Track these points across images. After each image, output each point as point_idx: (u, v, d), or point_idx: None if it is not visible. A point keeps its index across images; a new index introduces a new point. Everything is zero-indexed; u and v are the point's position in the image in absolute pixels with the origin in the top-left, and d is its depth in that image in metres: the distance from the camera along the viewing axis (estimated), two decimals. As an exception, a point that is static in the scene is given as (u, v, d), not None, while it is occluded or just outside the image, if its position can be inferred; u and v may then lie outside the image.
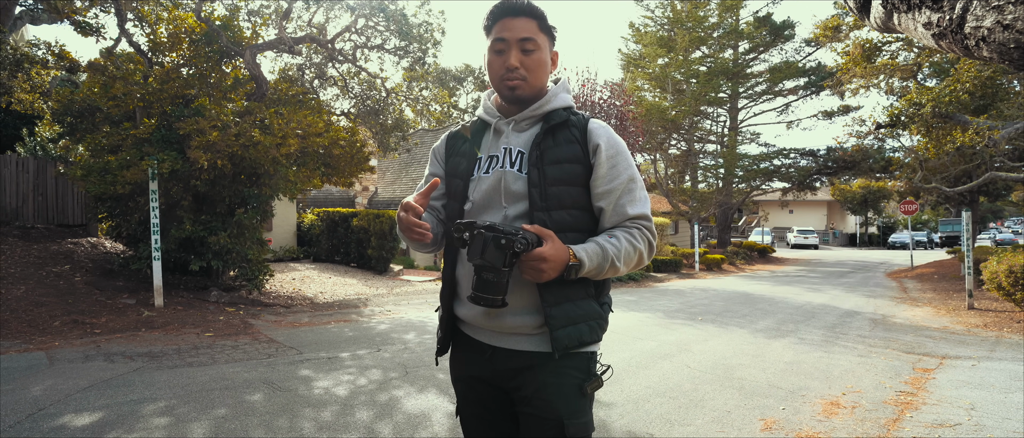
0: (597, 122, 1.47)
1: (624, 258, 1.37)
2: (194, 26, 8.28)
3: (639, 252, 1.40)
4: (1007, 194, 26.34)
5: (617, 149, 1.43)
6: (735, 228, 35.77)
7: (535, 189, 1.38)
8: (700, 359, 5.47)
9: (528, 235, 1.27)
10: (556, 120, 1.45)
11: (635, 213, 1.41)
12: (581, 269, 1.31)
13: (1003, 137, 10.58)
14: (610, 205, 1.41)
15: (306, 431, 3.39)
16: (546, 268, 1.26)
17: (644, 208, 1.43)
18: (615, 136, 1.46)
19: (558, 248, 1.29)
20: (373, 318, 7.58)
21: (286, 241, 15.28)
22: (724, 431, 3.56)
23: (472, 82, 37.61)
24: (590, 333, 1.40)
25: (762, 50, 23.19)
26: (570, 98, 1.52)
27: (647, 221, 1.43)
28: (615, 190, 1.41)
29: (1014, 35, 0.97)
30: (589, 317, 1.40)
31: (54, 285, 7.40)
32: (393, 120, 12.08)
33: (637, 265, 1.42)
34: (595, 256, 1.33)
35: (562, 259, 1.29)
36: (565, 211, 1.39)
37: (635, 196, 1.42)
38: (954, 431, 3.62)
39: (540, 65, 1.45)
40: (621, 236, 1.38)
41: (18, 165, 9.71)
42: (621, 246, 1.37)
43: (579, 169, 1.41)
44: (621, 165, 1.42)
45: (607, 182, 1.40)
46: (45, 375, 4.42)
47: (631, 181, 1.42)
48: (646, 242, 1.42)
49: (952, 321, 8.15)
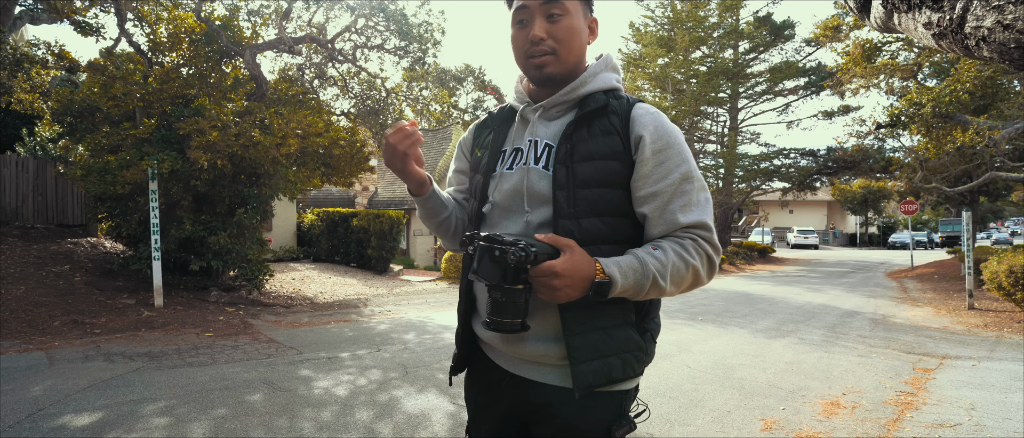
0: (645, 107, 1.19)
1: (672, 276, 1.09)
2: (194, 26, 8.28)
3: (693, 269, 1.12)
4: (1007, 194, 26.32)
5: (667, 141, 1.14)
6: (735, 228, 35.77)
7: (561, 191, 1.14)
8: (700, 359, 5.47)
9: (537, 246, 1.06)
10: (592, 105, 1.18)
11: (689, 221, 1.12)
12: (611, 288, 1.06)
13: (1003, 137, 10.58)
14: (656, 211, 1.13)
15: (306, 431, 3.39)
16: (560, 285, 1.03)
17: (702, 215, 1.14)
18: (666, 124, 1.16)
19: (578, 262, 1.05)
20: (373, 318, 7.57)
21: (286, 241, 15.29)
22: (724, 431, 3.55)
23: (472, 82, 37.61)
24: (623, 369, 1.14)
25: (762, 50, 23.19)
26: (615, 78, 1.25)
27: (705, 231, 1.14)
28: (662, 193, 1.13)
29: (1014, 35, 0.96)
30: (624, 349, 1.15)
31: (54, 285, 7.39)
32: (393, 120, 12.08)
33: (692, 285, 1.14)
34: (632, 272, 1.07)
35: (584, 275, 1.04)
36: (598, 219, 1.14)
37: (690, 199, 1.13)
38: (954, 431, 3.61)
39: (571, 34, 1.18)
40: (669, 248, 1.11)
41: (18, 165, 9.71)
42: (668, 260, 1.09)
43: (617, 167, 1.15)
44: (672, 160, 1.13)
45: (652, 183, 1.13)
46: (45, 375, 4.42)
47: (685, 180, 1.13)
48: (704, 256, 1.13)
49: (952, 321, 8.15)
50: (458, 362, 1.35)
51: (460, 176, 1.45)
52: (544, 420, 1.19)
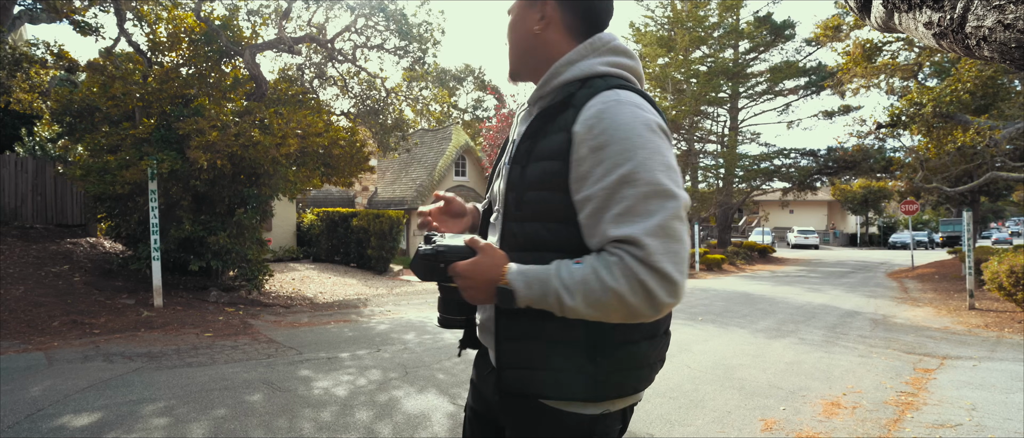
0: (603, 96, 1.02)
1: (584, 295, 0.94)
2: (193, 26, 8.27)
3: (615, 294, 0.92)
4: (1008, 194, 26.30)
5: (609, 135, 0.97)
6: (735, 228, 35.76)
7: (512, 193, 1.09)
8: (700, 359, 5.46)
9: (449, 247, 1.05)
10: (555, 100, 1.10)
11: (618, 234, 0.94)
12: (513, 297, 0.99)
13: (1004, 137, 10.57)
14: (589, 220, 0.99)
15: (306, 431, 3.38)
16: (463, 286, 1.02)
17: (639, 228, 0.92)
18: (617, 113, 0.99)
19: (483, 265, 1.01)
20: (373, 318, 7.57)
21: (286, 241, 15.29)
22: (724, 431, 3.55)
23: (472, 82, 37.60)
24: (556, 387, 1.05)
25: (762, 50, 23.18)
26: (600, 62, 1.10)
27: (637, 248, 0.92)
28: (594, 198, 0.97)
29: (1015, 34, 0.96)
30: (557, 366, 1.05)
31: (53, 285, 7.39)
32: (393, 120, 12.08)
33: (623, 315, 0.95)
34: (538, 283, 0.98)
35: (487, 278, 1.01)
36: (541, 224, 1.06)
37: (628, 207, 0.94)
38: (955, 431, 3.61)
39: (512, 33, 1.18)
40: (590, 263, 0.96)
41: (17, 165, 9.70)
42: (577, 277, 0.95)
43: (558, 167, 1.02)
44: (612, 159, 0.96)
45: (588, 185, 0.98)
46: (44, 375, 4.41)
47: (624, 183, 0.95)
48: (633, 281, 0.92)
49: (953, 321, 8.14)
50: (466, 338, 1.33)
51: None
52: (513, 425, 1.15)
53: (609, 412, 1.09)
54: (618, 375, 1.06)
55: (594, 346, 1.04)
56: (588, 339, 1.04)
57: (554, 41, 1.15)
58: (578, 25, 1.14)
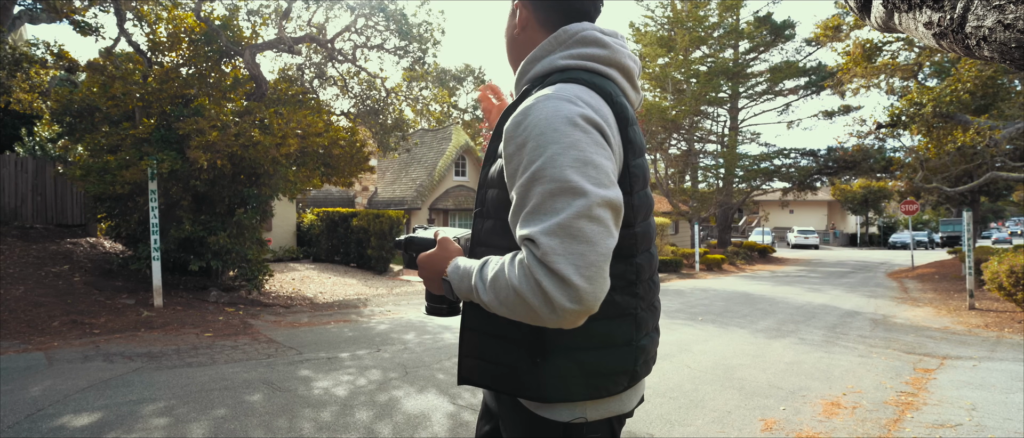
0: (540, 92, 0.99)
1: (495, 292, 0.92)
2: (193, 26, 8.28)
3: (516, 292, 0.89)
4: (1008, 194, 26.30)
5: (529, 132, 0.94)
6: (735, 228, 35.76)
7: (481, 190, 1.13)
8: (700, 359, 5.46)
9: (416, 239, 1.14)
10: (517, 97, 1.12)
11: (522, 232, 0.91)
12: (451, 290, 1.03)
13: (1004, 137, 10.57)
14: (511, 217, 0.97)
15: (306, 431, 3.38)
16: (422, 276, 1.10)
17: (537, 226, 0.88)
18: (541, 108, 0.95)
19: (434, 257, 1.06)
20: (373, 318, 7.57)
21: (286, 241, 15.29)
22: (724, 431, 3.55)
23: (472, 82, 37.60)
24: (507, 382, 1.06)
25: (762, 50, 23.19)
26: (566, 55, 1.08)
27: (535, 247, 0.87)
28: (514, 198, 0.97)
29: (1015, 34, 0.96)
30: (499, 362, 1.07)
31: (53, 285, 7.39)
32: (393, 120, 12.08)
33: (529, 316, 0.90)
34: (465, 277, 0.99)
35: (435, 270, 1.06)
36: (495, 220, 1.07)
37: (535, 206, 0.90)
38: (955, 431, 3.61)
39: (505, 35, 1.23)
40: (503, 262, 0.94)
41: (17, 165, 9.70)
42: (491, 273, 0.94)
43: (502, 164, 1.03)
44: (528, 156, 0.93)
45: (511, 182, 0.98)
46: (44, 375, 4.41)
47: (533, 180, 0.91)
48: (532, 282, 0.87)
49: (953, 321, 8.14)
50: None
51: None
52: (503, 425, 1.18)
53: (585, 420, 1.05)
54: (564, 380, 1.03)
55: (534, 348, 1.03)
56: (530, 340, 1.03)
57: (532, 40, 1.16)
58: (553, 19, 1.14)
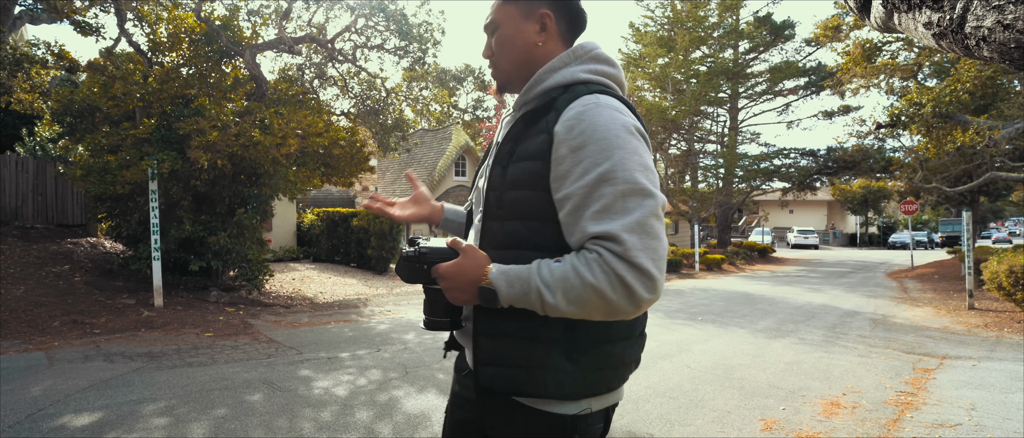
0: (584, 100, 1.05)
1: (565, 292, 0.96)
2: (194, 26, 8.28)
3: (594, 290, 0.94)
4: (1007, 194, 26.33)
5: (588, 136, 1.00)
6: (735, 228, 35.77)
7: (493, 193, 1.12)
8: (700, 359, 5.47)
9: (431, 249, 1.08)
10: (538, 104, 1.14)
11: (597, 231, 0.96)
12: (495, 296, 1.01)
13: (1003, 137, 10.58)
14: (569, 218, 1.01)
15: (306, 431, 3.39)
16: (446, 287, 1.05)
17: (616, 224, 0.95)
18: (596, 115, 1.02)
19: (465, 266, 1.04)
20: (373, 318, 7.57)
21: (286, 241, 15.29)
22: (724, 431, 3.55)
23: (472, 82, 37.61)
24: (531, 384, 1.06)
25: (762, 50, 23.20)
26: (583, 70, 1.14)
27: (616, 244, 0.94)
28: (574, 196, 1.00)
29: (1015, 35, 0.96)
30: (534, 364, 1.06)
31: (54, 285, 7.39)
32: (393, 120, 12.08)
33: (603, 311, 0.96)
34: (518, 282, 1.00)
35: (469, 279, 1.03)
36: (520, 222, 1.08)
37: (607, 205, 0.96)
38: (954, 431, 3.61)
39: (503, 44, 1.20)
40: (569, 261, 0.98)
41: (17, 165, 9.71)
42: (558, 274, 0.97)
43: (539, 167, 1.05)
44: (591, 158, 0.99)
45: (568, 184, 1.01)
46: (44, 375, 4.41)
47: (603, 182, 0.97)
48: (612, 277, 0.93)
49: (952, 321, 8.14)
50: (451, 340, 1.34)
51: None
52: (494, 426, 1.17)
53: (590, 412, 1.10)
54: (594, 374, 1.08)
55: (571, 345, 1.05)
56: (565, 338, 1.05)
57: (551, 50, 1.20)
58: (568, 32, 1.21)
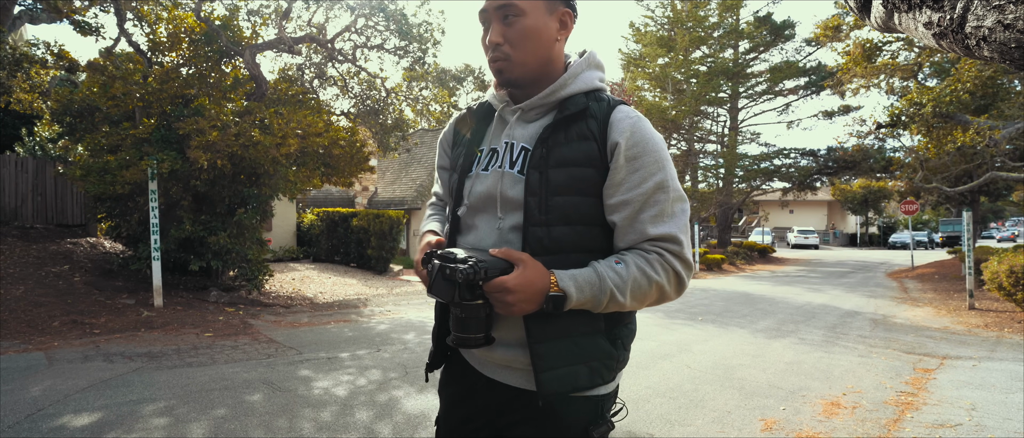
0: (625, 110, 1.14)
1: (632, 291, 1.07)
2: (194, 26, 8.28)
3: (656, 285, 1.08)
4: (1008, 194, 26.30)
5: (644, 147, 1.10)
6: (735, 228, 35.76)
7: (533, 198, 1.11)
8: (700, 359, 5.46)
9: (488, 261, 1.04)
10: (571, 109, 1.14)
11: (657, 233, 1.09)
12: (566, 302, 1.05)
13: (1004, 137, 10.57)
14: (626, 221, 1.10)
15: (306, 431, 3.38)
16: (513, 300, 1.02)
17: (673, 227, 1.10)
18: (646, 130, 1.12)
19: (531, 276, 1.04)
20: (373, 318, 7.57)
21: (286, 241, 15.28)
22: (724, 431, 3.55)
23: (472, 82, 37.61)
24: (590, 377, 1.12)
25: (762, 50, 23.19)
26: (598, 77, 1.21)
27: (675, 244, 1.09)
28: (633, 201, 1.09)
29: (1015, 35, 0.96)
30: (592, 357, 1.12)
31: (53, 285, 7.39)
32: (393, 120, 12.08)
33: (656, 301, 1.11)
34: (589, 286, 1.06)
35: (538, 289, 1.04)
36: (569, 227, 1.12)
37: (663, 210, 1.09)
38: (955, 431, 3.61)
39: (527, 36, 1.13)
40: (631, 261, 1.08)
41: (17, 165, 9.70)
42: (628, 274, 1.07)
43: (591, 174, 1.11)
44: (647, 168, 1.09)
45: (624, 191, 1.09)
46: (44, 375, 4.41)
47: (659, 190, 1.09)
48: (670, 272, 1.09)
49: (953, 321, 8.14)
50: (434, 359, 1.33)
51: (443, 172, 1.41)
52: (518, 423, 1.17)
53: (614, 388, 1.20)
54: (626, 352, 1.20)
55: (613, 329, 1.16)
56: (608, 325, 1.15)
57: (561, 51, 1.21)
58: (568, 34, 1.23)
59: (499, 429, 1.21)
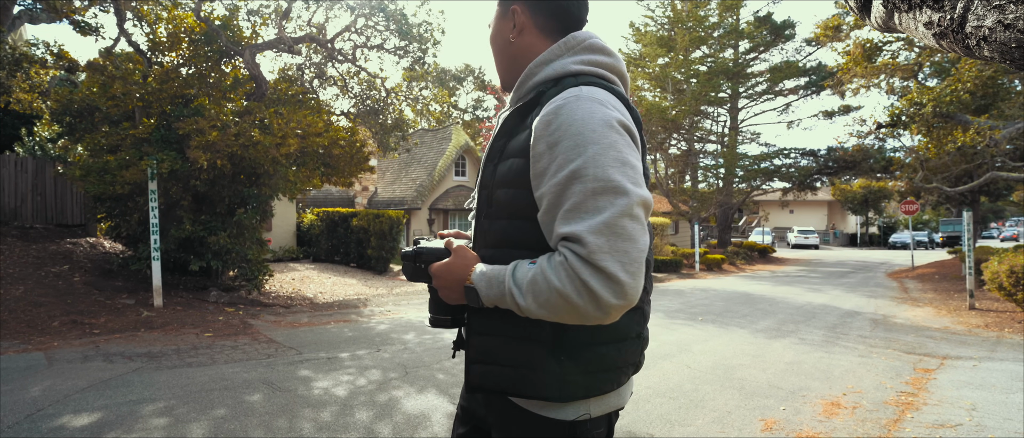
0: (566, 94, 1.00)
1: (534, 296, 0.94)
2: (193, 26, 8.27)
3: (559, 294, 0.90)
4: (1008, 194, 26.28)
5: (563, 132, 0.95)
6: (735, 228, 35.76)
7: (484, 190, 1.11)
8: (700, 359, 5.46)
9: (427, 249, 1.11)
10: (528, 98, 1.11)
11: (564, 231, 0.92)
12: (477, 298, 1.02)
13: (1004, 137, 10.57)
14: (546, 218, 0.98)
15: (305, 431, 3.38)
16: (437, 286, 1.08)
17: (581, 225, 0.90)
18: (576, 108, 0.97)
19: (453, 265, 1.05)
20: (373, 318, 7.57)
21: (286, 241, 15.28)
22: (724, 431, 3.55)
23: (472, 82, 37.59)
24: (518, 383, 1.04)
25: (762, 50, 23.19)
26: (578, 61, 1.10)
27: (579, 246, 0.89)
28: (547, 194, 0.97)
29: (1015, 34, 0.96)
30: (520, 363, 1.04)
31: (53, 285, 7.39)
32: (393, 120, 12.07)
33: (571, 315, 0.93)
34: (496, 282, 0.99)
35: (457, 278, 1.05)
36: (508, 221, 1.06)
37: (575, 203, 0.92)
38: (955, 431, 3.61)
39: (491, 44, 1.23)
40: (539, 265, 0.95)
41: (17, 165, 9.70)
42: (528, 277, 0.95)
43: (522, 165, 1.03)
44: (563, 155, 0.94)
45: (542, 182, 0.98)
46: (44, 375, 4.41)
47: (573, 179, 0.93)
48: (575, 281, 0.89)
49: (953, 321, 8.14)
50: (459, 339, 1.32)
51: None
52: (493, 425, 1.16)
53: (589, 417, 1.07)
54: (585, 377, 1.04)
55: (558, 346, 1.03)
56: (553, 338, 1.03)
57: (531, 45, 1.16)
58: (552, 25, 1.15)
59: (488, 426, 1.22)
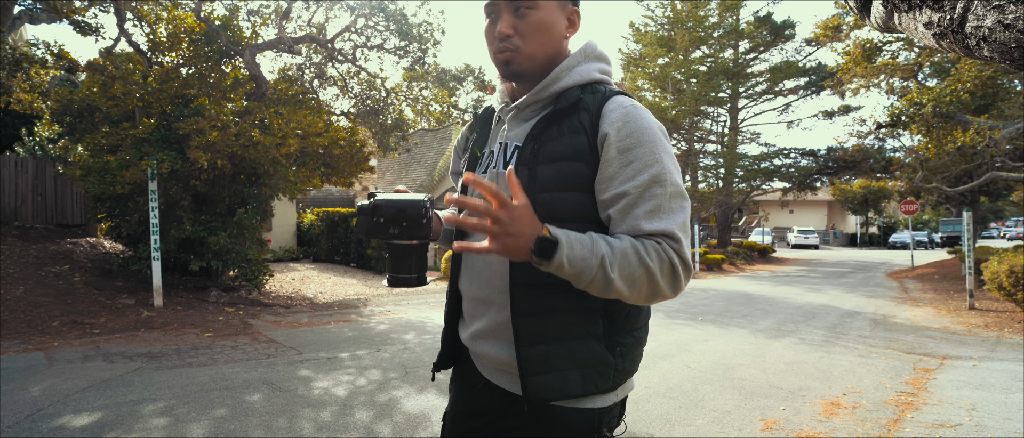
0: (619, 100, 1.08)
1: (621, 268, 0.95)
2: (194, 26, 8.27)
3: (648, 270, 0.96)
4: (1008, 194, 26.28)
5: (637, 138, 1.02)
6: (735, 228, 35.76)
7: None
8: (700, 359, 5.46)
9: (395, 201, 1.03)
10: (563, 103, 1.09)
11: (653, 228, 0.99)
12: (556, 251, 0.92)
13: (1004, 137, 10.57)
14: (619, 215, 1.02)
15: (305, 431, 3.38)
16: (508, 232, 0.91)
17: (669, 223, 1.00)
18: (640, 119, 1.04)
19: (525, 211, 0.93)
20: (373, 318, 7.57)
21: (286, 241, 15.29)
22: (724, 431, 3.55)
23: (472, 82, 37.60)
24: (583, 384, 1.05)
25: (762, 50, 23.19)
26: (597, 68, 1.15)
27: (671, 240, 0.99)
28: (627, 195, 1.01)
29: (1015, 35, 0.96)
30: (584, 363, 1.05)
31: (53, 285, 7.39)
32: (393, 120, 12.07)
33: (648, 293, 0.99)
34: (579, 244, 0.94)
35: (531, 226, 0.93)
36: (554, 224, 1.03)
37: (659, 205, 1.00)
38: (955, 431, 3.61)
39: (539, 29, 1.10)
40: (627, 240, 0.98)
41: (17, 165, 9.70)
42: (620, 249, 0.96)
43: (581, 168, 1.05)
44: (641, 160, 1.02)
45: (617, 184, 1.02)
46: (44, 375, 4.41)
47: (655, 183, 1.00)
48: (665, 263, 0.98)
49: (953, 321, 8.14)
50: (441, 360, 1.34)
51: (454, 178, 1.41)
52: (514, 428, 1.14)
53: (615, 402, 1.13)
54: (627, 362, 1.11)
55: (612, 336, 1.08)
56: (607, 330, 1.08)
57: (567, 48, 1.19)
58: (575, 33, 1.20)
59: (498, 431, 1.20)
